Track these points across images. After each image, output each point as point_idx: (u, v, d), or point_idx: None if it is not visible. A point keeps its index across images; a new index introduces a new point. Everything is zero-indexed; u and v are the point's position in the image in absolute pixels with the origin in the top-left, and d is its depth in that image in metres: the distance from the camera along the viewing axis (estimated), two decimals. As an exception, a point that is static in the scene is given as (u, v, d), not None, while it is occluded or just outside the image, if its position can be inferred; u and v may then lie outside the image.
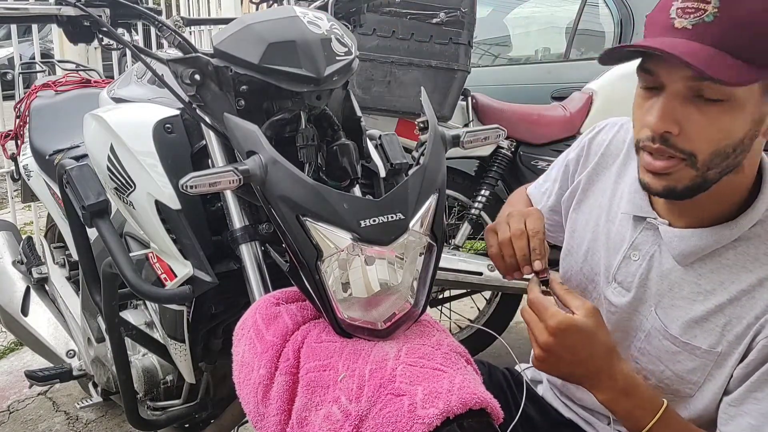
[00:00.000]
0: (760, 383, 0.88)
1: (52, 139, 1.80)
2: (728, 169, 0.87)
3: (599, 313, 0.91)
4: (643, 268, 1.00)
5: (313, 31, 1.02)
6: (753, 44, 0.80)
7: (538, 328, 0.90)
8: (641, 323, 1.00)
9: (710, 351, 0.93)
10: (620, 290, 1.03)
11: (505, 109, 2.39)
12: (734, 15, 0.80)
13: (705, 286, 0.94)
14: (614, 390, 0.90)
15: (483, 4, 3.65)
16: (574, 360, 0.89)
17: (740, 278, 0.91)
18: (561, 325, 0.88)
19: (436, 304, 2.59)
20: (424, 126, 1.00)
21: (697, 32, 0.81)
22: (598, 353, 0.89)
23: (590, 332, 0.88)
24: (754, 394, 0.89)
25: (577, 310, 0.90)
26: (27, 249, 2.10)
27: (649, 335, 0.99)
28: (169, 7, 4.72)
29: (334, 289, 0.90)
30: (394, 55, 2.21)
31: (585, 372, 0.91)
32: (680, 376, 0.96)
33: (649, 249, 1.00)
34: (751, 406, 0.89)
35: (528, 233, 1.03)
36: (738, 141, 0.84)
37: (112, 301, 1.30)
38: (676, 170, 0.87)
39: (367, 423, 0.82)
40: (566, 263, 1.16)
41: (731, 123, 0.83)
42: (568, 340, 0.88)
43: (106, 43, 1.09)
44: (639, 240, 1.01)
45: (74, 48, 3.54)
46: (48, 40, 5.75)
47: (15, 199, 3.14)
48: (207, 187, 0.87)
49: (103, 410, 2.26)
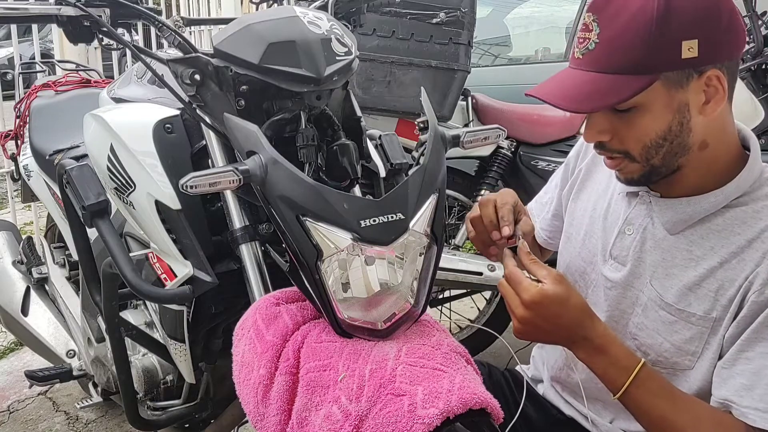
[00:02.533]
0: (750, 342, 0.89)
1: (52, 139, 1.80)
2: (674, 153, 0.93)
3: (565, 279, 0.93)
4: (637, 240, 1.03)
5: (313, 31, 1.02)
6: (629, 56, 0.88)
7: (514, 302, 0.93)
8: (638, 297, 1.02)
9: (705, 317, 0.94)
10: (616, 265, 1.06)
11: (505, 109, 2.39)
12: (609, 36, 0.89)
13: (696, 252, 0.96)
14: (590, 348, 0.93)
15: (483, 4, 3.65)
16: (551, 327, 0.92)
17: (729, 241, 0.93)
18: (535, 298, 0.91)
19: (436, 304, 2.59)
20: (424, 126, 1.00)
21: (587, 60, 0.92)
22: (572, 317, 0.92)
23: (562, 299, 0.91)
24: (746, 353, 0.90)
25: (545, 279, 0.92)
26: (27, 249, 2.10)
27: (646, 308, 1.01)
28: (169, 7, 4.72)
29: (334, 289, 0.90)
30: (394, 55, 2.21)
31: (562, 336, 0.94)
32: (678, 347, 0.97)
33: (642, 221, 1.03)
34: (743, 366, 0.90)
35: (496, 203, 1.08)
36: (664, 132, 0.92)
37: (112, 301, 1.30)
38: (623, 166, 0.97)
39: (367, 423, 0.82)
40: (565, 250, 1.18)
41: (648, 123, 0.92)
42: (543, 311, 0.91)
43: (106, 43, 1.09)
44: (633, 214, 1.04)
45: (74, 48, 3.54)
46: (48, 40, 5.76)
47: (15, 199, 3.14)
48: (207, 187, 0.87)
49: (103, 410, 2.26)
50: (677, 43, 0.86)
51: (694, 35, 0.86)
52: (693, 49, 0.86)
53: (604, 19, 0.90)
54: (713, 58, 0.88)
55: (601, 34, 0.90)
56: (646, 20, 0.86)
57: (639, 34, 0.87)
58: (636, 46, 0.87)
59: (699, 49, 0.86)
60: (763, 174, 0.96)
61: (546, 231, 1.28)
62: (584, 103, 0.92)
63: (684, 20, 0.86)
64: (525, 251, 0.98)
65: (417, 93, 1.07)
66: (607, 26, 0.89)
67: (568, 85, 0.94)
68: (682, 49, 0.86)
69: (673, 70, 0.88)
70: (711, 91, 0.90)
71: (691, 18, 0.86)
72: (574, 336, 0.93)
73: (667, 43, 0.87)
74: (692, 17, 0.86)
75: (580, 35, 0.94)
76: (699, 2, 0.87)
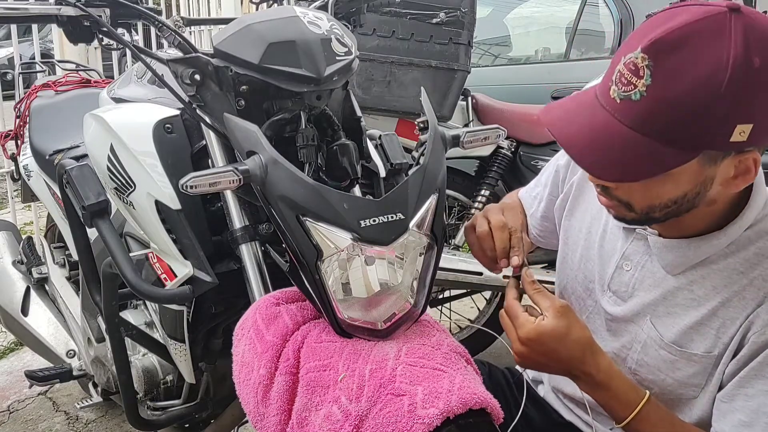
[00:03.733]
0: (749, 378, 0.88)
1: (52, 139, 1.80)
2: (678, 212, 0.87)
3: (570, 310, 0.91)
4: (635, 278, 1.00)
5: (313, 31, 1.02)
6: (677, 127, 0.78)
7: (512, 336, 0.92)
8: (637, 334, 1.00)
9: (707, 355, 0.92)
10: (615, 299, 1.03)
11: (505, 109, 2.39)
12: (662, 96, 0.78)
13: (697, 292, 0.93)
14: (592, 383, 0.92)
15: (483, 4, 3.65)
16: (549, 362, 0.91)
17: (732, 280, 0.91)
18: (530, 335, 0.89)
19: (436, 304, 2.59)
20: (424, 126, 1.00)
21: (624, 109, 0.81)
22: (571, 352, 0.90)
23: (561, 334, 0.89)
24: (745, 389, 0.88)
25: (546, 312, 0.90)
26: (27, 249, 2.09)
27: (646, 345, 0.98)
28: (169, 7, 4.72)
29: (334, 289, 0.90)
30: (394, 55, 2.21)
31: (562, 369, 0.93)
32: (682, 382, 0.96)
33: (641, 259, 1.00)
34: (743, 403, 0.88)
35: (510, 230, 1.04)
36: (678, 197, 0.85)
37: (112, 301, 1.30)
38: (618, 210, 0.92)
39: (367, 423, 0.82)
40: (562, 271, 1.16)
41: (666, 190, 0.84)
42: (539, 347, 0.90)
43: (106, 43, 1.09)
44: (630, 250, 1.01)
45: (74, 48, 3.54)
46: (48, 40, 5.76)
47: (15, 199, 3.14)
48: (207, 187, 0.87)
49: (103, 410, 2.26)
50: (732, 126, 0.77)
51: (752, 119, 0.77)
52: (744, 134, 0.77)
53: (661, 72, 0.77)
54: (760, 142, 0.80)
55: (652, 87, 0.78)
56: (709, 94, 0.75)
57: (697, 106, 0.76)
58: (689, 119, 0.77)
59: (750, 133, 0.77)
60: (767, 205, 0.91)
61: (536, 229, 1.25)
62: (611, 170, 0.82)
63: (749, 102, 0.76)
64: (529, 280, 0.96)
65: (417, 93, 1.08)
66: (663, 83, 0.77)
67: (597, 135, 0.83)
68: (734, 132, 0.77)
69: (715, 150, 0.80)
70: (741, 168, 0.83)
71: (755, 100, 0.76)
72: (574, 370, 0.91)
73: (723, 125, 0.77)
74: (757, 99, 0.76)
75: (624, 75, 0.80)
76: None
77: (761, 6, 2.53)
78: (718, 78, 0.75)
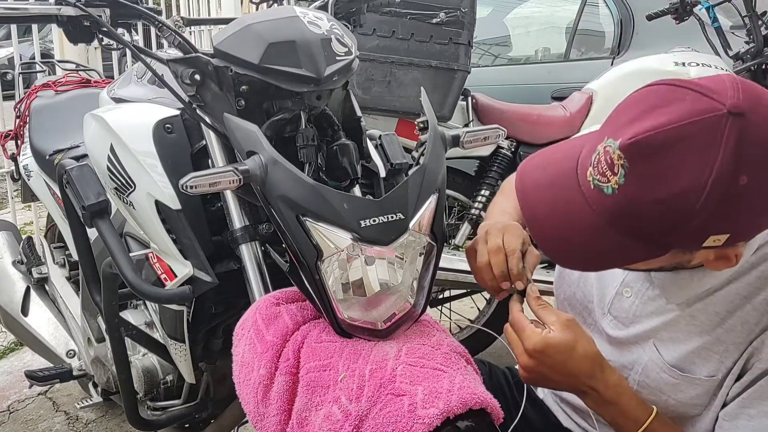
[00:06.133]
0: (752, 399, 0.88)
1: (52, 139, 1.80)
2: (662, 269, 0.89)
3: (576, 324, 0.90)
4: (636, 305, 0.99)
5: (313, 31, 1.02)
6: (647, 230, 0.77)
7: (518, 349, 0.90)
8: (639, 356, 0.99)
9: (710, 378, 0.92)
10: (616, 323, 1.02)
11: (505, 109, 2.39)
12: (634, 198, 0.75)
13: (700, 318, 0.92)
14: (599, 399, 0.90)
15: (483, 4, 3.65)
16: (556, 376, 0.90)
17: (735, 305, 0.90)
18: (537, 347, 0.88)
19: (436, 304, 2.59)
20: (424, 126, 1.00)
21: (595, 195, 0.80)
22: (578, 366, 0.89)
23: (568, 347, 0.88)
24: (748, 410, 0.88)
25: (553, 326, 0.89)
26: (27, 249, 2.09)
27: (647, 368, 0.98)
28: (169, 7, 4.72)
29: (334, 289, 0.90)
30: (394, 55, 2.20)
31: (569, 384, 0.91)
32: (684, 402, 0.95)
33: (641, 287, 0.99)
34: (745, 422, 0.88)
35: (506, 251, 1.00)
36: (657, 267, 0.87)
37: (112, 301, 1.30)
38: None
39: (367, 423, 0.82)
40: (559, 287, 1.15)
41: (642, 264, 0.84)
42: (546, 360, 0.88)
43: (106, 43, 1.09)
44: (630, 277, 1.00)
45: (74, 48, 3.54)
46: (48, 40, 5.75)
47: (15, 199, 3.14)
48: (207, 187, 0.87)
49: (103, 410, 2.26)
50: (705, 236, 0.75)
51: (729, 231, 0.75)
52: (719, 241, 0.76)
53: (636, 176, 0.74)
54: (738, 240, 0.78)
55: (623, 188, 0.75)
56: (683, 208, 0.73)
57: (669, 217, 0.74)
58: (659, 225, 0.75)
59: (727, 240, 0.76)
60: None
61: None
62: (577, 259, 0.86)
63: (727, 217, 0.73)
64: (534, 296, 0.95)
65: (417, 93, 1.07)
66: (636, 187, 0.75)
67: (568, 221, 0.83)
68: (707, 240, 0.76)
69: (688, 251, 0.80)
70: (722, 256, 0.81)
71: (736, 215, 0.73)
72: (581, 385, 0.90)
73: (695, 235, 0.75)
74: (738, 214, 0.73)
75: (601, 163, 0.78)
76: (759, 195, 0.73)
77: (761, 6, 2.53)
78: (696, 194, 0.72)
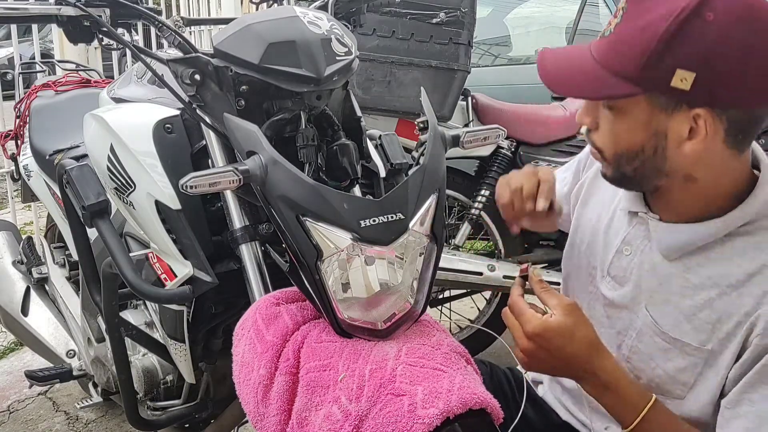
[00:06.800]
0: (753, 383, 0.88)
1: (52, 139, 1.80)
2: (646, 173, 0.91)
3: (578, 309, 0.91)
4: (634, 263, 1.01)
5: (313, 31, 1.02)
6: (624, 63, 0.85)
7: (517, 333, 0.91)
8: (633, 321, 1.00)
9: (700, 348, 0.92)
10: (613, 284, 1.04)
11: (505, 109, 2.39)
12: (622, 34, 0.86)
13: (693, 280, 0.93)
14: (597, 385, 0.91)
15: (483, 4, 3.65)
16: (555, 360, 0.90)
17: (728, 272, 0.91)
18: (537, 330, 0.89)
19: (436, 304, 2.59)
20: (424, 126, 1.00)
21: (597, 44, 0.90)
22: (578, 351, 0.90)
23: (568, 332, 0.89)
24: (749, 395, 0.88)
25: (555, 309, 0.90)
26: (27, 249, 2.09)
27: (641, 333, 0.99)
28: (169, 7, 4.72)
29: (334, 289, 0.90)
30: (394, 55, 2.20)
31: (568, 369, 0.92)
32: (671, 375, 0.96)
33: (640, 244, 1.00)
34: (746, 408, 0.88)
35: (539, 178, 1.10)
36: (636, 148, 0.89)
37: (112, 301, 1.30)
38: (599, 159, 0.97)
39: (367, 423, 0.82)
40: (569, 259, 1.17)
41: (622, 131, 0.90)
42: (546, 344, 0.89)
43: (106, 43, 1.09)
44: (631, 235, 1.02)
45: (74, 48, 3.53)
46: (48, 40, 5.75)
47: (15, 199, 3.14)
48: (207, 187, 0.87)
49: (103, 410, 2.26)
50: (671, 68, 0.81)
51: (694, 69, 0.80)
52: (686, 81, 0.81)
53: (629, 14, 0.85)
54: (710, 99, 0.82)
55: (620, 26, 0.86)
56: (654, 33, 0.81)
57: (641, 44, 0.82)
58: (634, 55, 0.83)
59: (694, 84, 0.81)
60: None
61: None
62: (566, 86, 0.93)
63: (692, 50, 0.80)
64: (537, 279, 0.95)
65: (417, 93, 1.08)
66: (628, 22, 0.85)
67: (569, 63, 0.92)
68: (673, 77, 0.81)
69: (659, 93, 0.84)
70: (696, 129, 0.85)
71: (701, 50, 0.80)
72: (580, 370, 0.91)
73: (662, 65, 0.82)
74: (703, 50, 0.80)
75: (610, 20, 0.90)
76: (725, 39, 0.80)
77: None
78: (667, 19, 0.81)
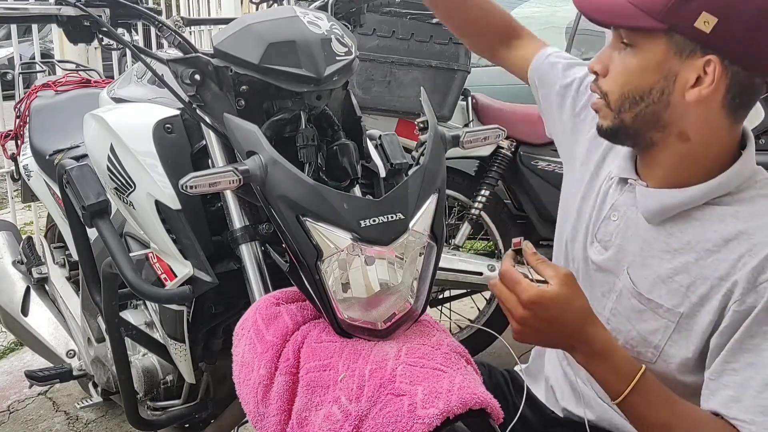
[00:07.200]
0: (734, 352, 0.89)
1: (52, 139, 1.80)
2: (646, 119, 0.94)
3: (573, 278, 0.91)
4: (620, 227, 1.03)
5: (313, 31, 1.02)
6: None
7: (511, 302, 0.90)
8: (614, 284, 1.03)
9: (672, 311, 0.95)
10: (599, 248, 1.06)
11: (505, 109, 2.39)
12: None
13: (673, 245, 0.96)
14: (590, 354, 0.91)
15: (483, 4, 3.64)
16: (550, 329, 0.90)
17: (706, 237, 0.93)
18: (533, 298, 0.88)
19: (436, 304, 2.59)
20: (424, 126, 1.00)
21: None
22: (573, 320, 0.90)
23: (564, 301, 0.89)
24: (731, 365, 0.89)
25: (551, 280, 0.90)
26: (27, 249, 2.09)
27: (621, 295, 1.02)
28: (169, 7, 4.72)
29: (334, 289, 0.90)
30: (394, 55, 2.21)
31: (561, 338, 0.92)
32: (643, 336, 0.98)
33: (627, 209, 1.03)
34: (730, 378, 0.89)
35: None
36: (645, 89, 0.92)
37: (112, 301, 1.30)
38: (600, 108, 0.99)
39: (367, 423, 0.82)
40: (560, 226, 1.19)
41: (635, 67, 0.92)
42: (542, 312, 0.89)
43: (106, 43, 1.09)
44: (619, 201, 1.04)
45: (74, 48, 3.53)
46: (48, 40, 5.75)
47: (15, 199, 3.14)
48: (207, 187, 0.87)
49: (103, 410, 2.26)
50: (697, 10, 0.85)
51: (718, 14, 0.85)
52: (708, 25, 0.85)
53: None
54: (724, 49, 0.87)
55: None
56: None
57: None
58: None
59: (714, 29, 0.85)
60: (754, 176, 0.94)
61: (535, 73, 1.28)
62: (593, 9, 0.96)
63: None
64: (531, 252, 0.95)
65: (417, 93, 1.08)
66: None
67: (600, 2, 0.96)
68: (698, 18, 0.86)
69: (680, 34, 0.88)
70: (703, 78, 0.88)
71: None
72: (574, 340, 0.92)
73: (690, 4, 0.86)
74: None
75: None
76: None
77: None
78: None
